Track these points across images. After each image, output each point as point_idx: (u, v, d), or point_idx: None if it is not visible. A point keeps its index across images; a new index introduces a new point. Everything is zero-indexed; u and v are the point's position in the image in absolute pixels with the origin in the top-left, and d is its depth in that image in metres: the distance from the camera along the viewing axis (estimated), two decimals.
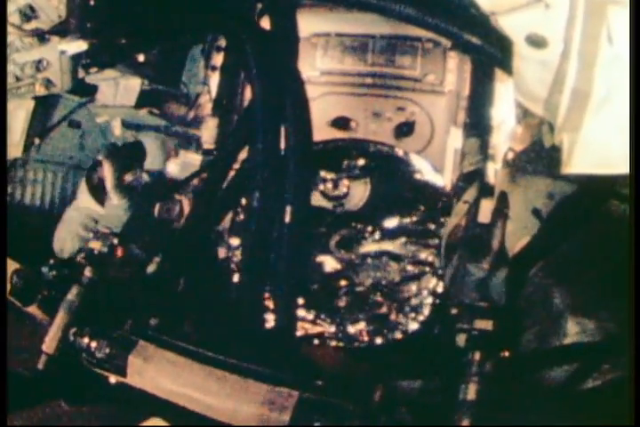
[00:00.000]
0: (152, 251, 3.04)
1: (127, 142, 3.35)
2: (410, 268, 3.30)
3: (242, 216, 3.26)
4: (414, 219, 3.29)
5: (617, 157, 1.93)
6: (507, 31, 1.99)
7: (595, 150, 1.96)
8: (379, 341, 3.25)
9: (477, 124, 3.08)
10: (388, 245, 3.31)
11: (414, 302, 3.26)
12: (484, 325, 2.47)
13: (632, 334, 1.76)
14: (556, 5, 1.83)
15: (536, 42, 1.92)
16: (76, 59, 2.33)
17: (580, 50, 1.86)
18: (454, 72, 3.26)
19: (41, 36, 2.63)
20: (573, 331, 2.44)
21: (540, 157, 2.69)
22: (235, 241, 3.32)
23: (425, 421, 2.47)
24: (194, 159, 3.26)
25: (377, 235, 3.31)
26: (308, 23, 3.22)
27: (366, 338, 3.26)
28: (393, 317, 3.26)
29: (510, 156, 2.90)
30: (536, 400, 2.38)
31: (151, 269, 3.08)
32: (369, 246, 3.32)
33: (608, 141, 1.93)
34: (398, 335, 3.22)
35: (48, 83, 2.77)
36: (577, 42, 1.85)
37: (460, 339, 2.49)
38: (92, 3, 2.19)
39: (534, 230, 2.68)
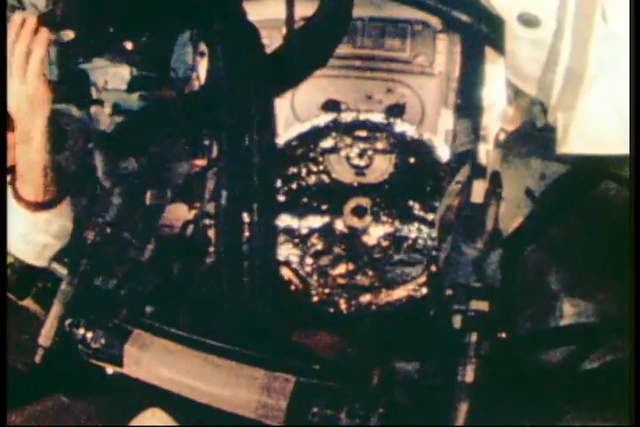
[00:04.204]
0: (145, 238, 3.03)
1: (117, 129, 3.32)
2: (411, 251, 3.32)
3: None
4: (429, 204, 3.30)
5: (612, 136, 1.92)
6: (498, 10, 1.97)
7: (590, 130, 1.96)
8: (346, 307, 3.28)
9: (468, 106, 3.07)
10: (397, 224, 3.33)
11: (404, 280, 3.29)
12: (480, 305, 2.46)
13: (632, 320, 1.75)
14: None
15: (528, 21, 1.91)
16: (64, 48, 2.31)
17: (573, 28, 1.84)
18: (444, 54, 3.27)
19: None
20: (569, 312, 2.45)
21: (531, 137, 2.69)
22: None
23: (424, 403, 2.48)
24: None
25: (391, 211, 3.32)
26: (297, 7, 3.20)
27: (343, 306, 3.29)
28: (377, 291, 3.29)
29: (502, 136, 2.90)
30: (534, 382, 2.39)
31: (145, 256, 3.07)
32: (380, 220, 3.33)
33: (603, 121, 1.92)
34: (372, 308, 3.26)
35: None
36: (570, 20, 1.83)
37: (457, 320, 2.49)
38: None
39: (527, 211, 2.68)
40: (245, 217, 2.89)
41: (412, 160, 3.31)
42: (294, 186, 3.35)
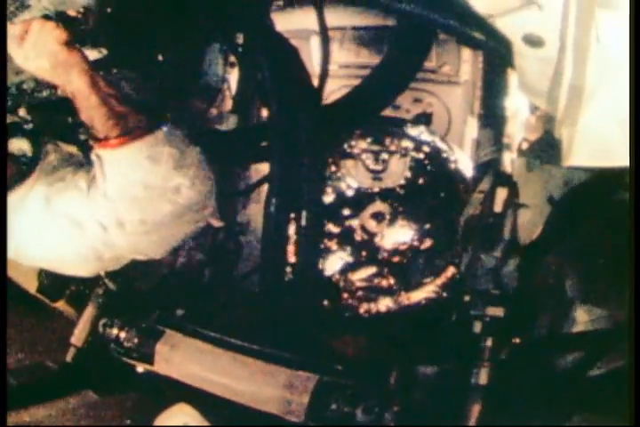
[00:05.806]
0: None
1: None
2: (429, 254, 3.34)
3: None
4: (446, 206, 3.31)
5: (615, 149, 1.97)
6: (504, 32, 2.03)
7: (592, 143, 2.01)
8: (366, 311, 3.32)
9: (492, 114, 3.10)
10: (415, 227, 3.34)
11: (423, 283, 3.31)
12: (496, 311, 2.53)
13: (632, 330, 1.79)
14: (549, 5, 1.87)
15: (533, 41, 1.96)
16: (98, 63, 2.41)
17: (574, 47, 1.90)
18: (469, 62, 3.28)
19: None
20: (584, 319, 2.49)
21: (552, 146, 2.72)
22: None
23: (439, 402, 2.56)
24: None
25: (409, 214, 3.34)
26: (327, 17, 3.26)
27: (362, 309, 3.33)
28: (397, 294, 3.31)
29: (525, 145, 2.93)
30: (546, 386, 2.44)
31: (178, 261, 3.18)
32: (397, 225, 3.35)
33: (604, 135, 1.98)
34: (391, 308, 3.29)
35: None
36: (571, 40, 1.90)
37: (476, 325, 2.56)
38: (108, 10, 2.29)
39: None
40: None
41: (427, 162, 3.32)
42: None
